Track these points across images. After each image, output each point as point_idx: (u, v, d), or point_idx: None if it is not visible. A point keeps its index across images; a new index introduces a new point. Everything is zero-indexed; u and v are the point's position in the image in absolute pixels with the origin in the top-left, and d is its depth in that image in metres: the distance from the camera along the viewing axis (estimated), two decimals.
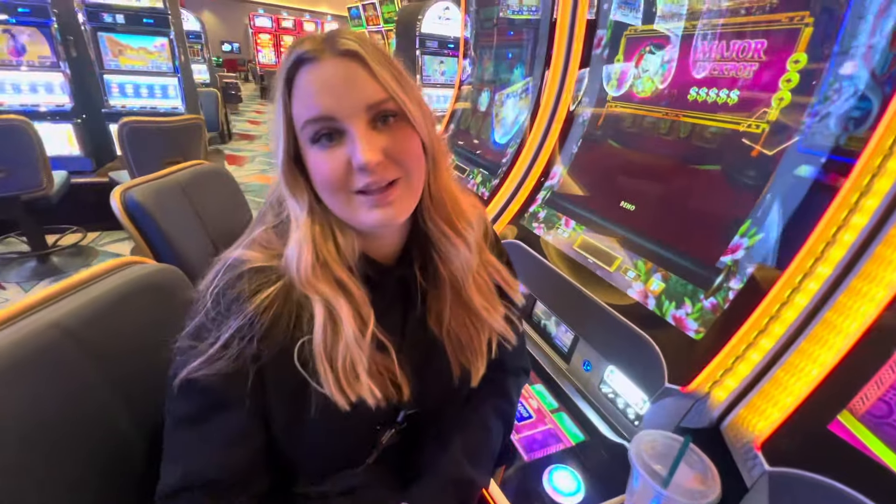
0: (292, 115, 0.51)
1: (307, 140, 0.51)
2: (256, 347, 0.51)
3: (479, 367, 0.66)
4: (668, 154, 1.03)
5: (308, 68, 0.49)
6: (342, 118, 0.49)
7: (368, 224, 0.53)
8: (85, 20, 3.52)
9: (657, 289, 0.93)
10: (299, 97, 0.50)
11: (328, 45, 0.49)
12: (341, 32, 0.51)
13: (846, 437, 0.61)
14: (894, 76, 0.67)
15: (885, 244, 0.66)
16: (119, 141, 2.70)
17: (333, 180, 0.50)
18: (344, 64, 0.49)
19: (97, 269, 0.73)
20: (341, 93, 0.48)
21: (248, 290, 0.51)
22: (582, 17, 1.33)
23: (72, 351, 0.58)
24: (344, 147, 0.50)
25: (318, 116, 0.49)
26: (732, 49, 0.90)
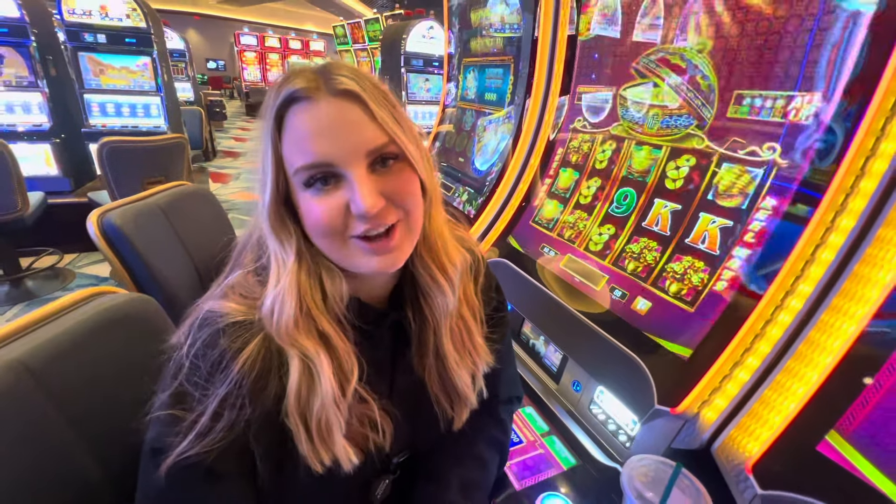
0: (283, 156, 0.47)
1: (300, 184, 0.47)
2: (249, 411, 0.46)
3: (462, 412, 0.63)
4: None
5: (301, 108, 0.45)
6: (340, 164, 0.45)
7: (366, 271, 0.50)
8: (65, 40, 3.49)
9: (644, 308, 0.93)
10: (292, 139, 0.46)
11: (323, 83, 0.45)
12: (336, 68, 0.47)
13: (835, 457, 0.61)
14: (852, 114, 0.69)
15: (863, 262, 0.68)
16: (99, 161, 2.65)
17: (329, 226, 0.47)
18: (341, 105, 0.45)
19: (64, 301, 0.70)
20: (339, 137, 0.45)
21: (231, 350, 0.47)
22: (563, 34, 1.35)
23: (32, 391, 0.55)
24: (341, 191, 0.46)
25: (313, 163, 0.45)
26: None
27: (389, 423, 0.56)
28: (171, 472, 0.45)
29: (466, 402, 0.62)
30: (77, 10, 3.45)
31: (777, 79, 0.80)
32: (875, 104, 0.66)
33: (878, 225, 0.66)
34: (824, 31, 0.73)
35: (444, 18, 2.08)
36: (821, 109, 0.74)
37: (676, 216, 0.96)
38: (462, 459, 0.68)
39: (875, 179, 0.67)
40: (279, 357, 0.49)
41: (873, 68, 0.67)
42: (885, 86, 0.65)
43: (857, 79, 0.69)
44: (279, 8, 18.37)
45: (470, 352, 0.62)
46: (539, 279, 1.16)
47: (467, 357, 0.62)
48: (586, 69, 1.28)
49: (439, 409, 0.62)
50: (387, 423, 0.55)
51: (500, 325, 0.72)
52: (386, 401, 0.56)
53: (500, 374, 0.74)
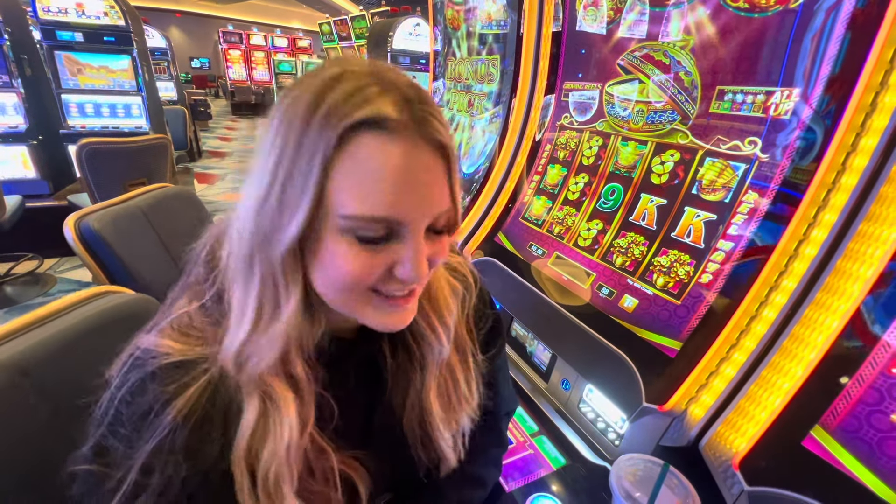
0: (328, 191, 0.36)
1: (343, 230, 0.38)
2: (185, 470, 0.40)
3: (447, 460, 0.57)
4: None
5: (384, 141, 0.36)
6: (408, 225, 0.38)
7: (376, 324, 0.44)
8: (41, 38, 3.39)
9: (630, 306, 0.93)
10: (358, 175, 0.36)
11: (413, 121, 0.36)
12: (427, 104, 0.38)
13: (820, 452, 0.61)
14: (832, 110, 0.70)
15: (845, 257, 0.68)
16: (78, 163, 2.58)
17: (362, 281, 0.40)
18: (431, 158, 0.38)
19: (67, 301, 0.69)
20: (419, 195, 0.38)
21: (163, 397, 0.40)
22: (547, 30, 1.34)
23: (27, 392, 0.55)
24: (391, 250, 0.39)
25: (384, 217, 0.37)
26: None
27: (361, 471, 0.50)
28: None
29: (446, 459, 0.57)
30: (52, 7, 3.35)
31: (757, 75, 0.80)
32: (855, 100, 0.66)
33: (860, 220, 0.66)
34: (803, 26, 0.73)
35: (429, 15, 2.06)
36: (800, 105, 0.74)
37: (662, 211, 0.96)
38: (462, 480, 0.65)
39: (856, 175, 0.67)
40: (226, 403, 0.43)
41: (852, 64, 0.67)
42: (865, 81, 0.65)
43: (836, 75, 0.70)
44: (264, 5, 18.12)
45: (454, 407, 0.57)
46: (527, 278, 1.16)
47: (451, 413, 0.57)
48: (572, 66, 1.27)
49: (416, 454, 0.56)
50: (357, 472, 0.50)
51: (495, 344, 0.68)
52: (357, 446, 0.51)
53: (499, 394, 0.72)
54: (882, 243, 0.64)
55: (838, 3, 0.69)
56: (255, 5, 17.92)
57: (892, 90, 0.64)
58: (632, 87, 1.06)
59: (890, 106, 0.64)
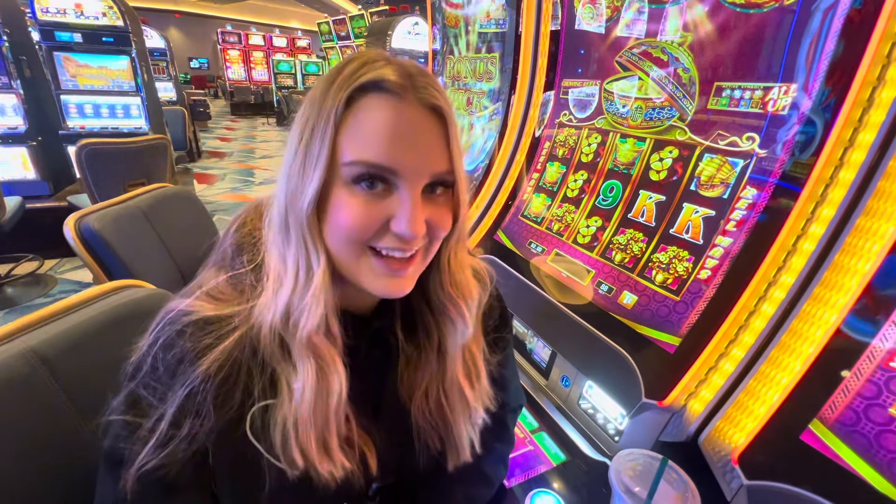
0: (338, 142, 0.41)
1: (346, 176, 0.42)
2: (214, 420, 0.43)
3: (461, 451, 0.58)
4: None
5: (384, 100, 0.41)
6: (403, 175, 0.42)
7: (372, 291, 0.46)
8: (39, 39, 3.39)
9: (630, 302, 0.93)
10: (361, 129, 0.41)
11: (412, 88, 0.42)
12: (424, 75, 0.43)
13: (818, 446, 0.61)
14: (832, 105, 0.70)
15: (843, 252, 0.68)
16: (78, 163, 2.59)
17: (360, 232, 0.43)
18: (427, 118, 0.42)
19: (88, 294, 0.71)
20: (414, 149, 0.42)
21: (194, 350, 0.43)
22: (546, 28, 1.34)
23: (46, 380, 0.57)
24: (387, 202, 0.43)
25: (379, 164, 0.41)
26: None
27: (371, 445, 0.52)
28: (127, 485, 0.42)
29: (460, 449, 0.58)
30: (51, 8, 3.35)
31: (755, 70, 0.80)
32: (852, 95, 0.66)
33: (857, 215, 0.66)
34: (801, 23, 0.73)
35: (427, 14, 2.06)
36: (797, 100, 0.75)
37: (661, 207, 0.96)
38: (469, 477, 0.65)
39: (853, 170, 0.67)
40: (258, 367, 0.45)
41: (850, 60, 0.67)
42: (862, 77, 0.65)
43: (833, 70, 0.70)
44: (262, 5, 18.10)
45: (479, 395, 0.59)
46: (526, 275, 1.16)
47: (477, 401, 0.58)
48: (570, 63, 1.27)
49: (419, 442, 0.57)
50: (368, 446, 0.51)
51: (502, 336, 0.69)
52: (369, 422, 0.53)
53: (508, 388, 0.72)
54: (880, 238, 0.64)
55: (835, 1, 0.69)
56: (254, 5, 17.90)
57: (890, 85, 0.64)
58: (630, 84, 1.06)
59: (887, 101, 0.64)
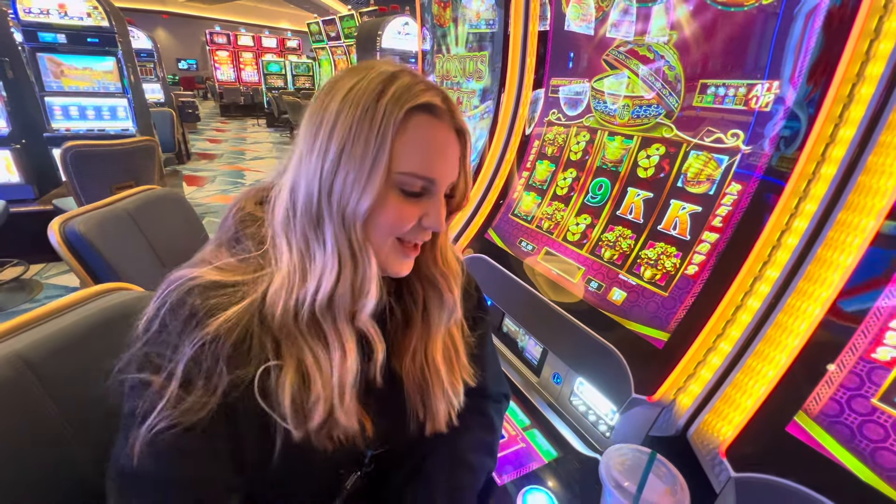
0: (392, 157, 0.47)
1: (395, 185, 0.49)
2: (228, 379, 0.44)
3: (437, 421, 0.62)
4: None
5: (431, 121, 0.49)
6: (439, 185, 0.51)
7: (390, 270, 0.54)
8: (22, 40, 3.33)
9: (619, 298, 0.94)
10: (415, 146, 0.48)
11: (449, 111, 0.51)
12: (454, 102, 0.53)
13: (803, 437, 0.62)
14: (814, 101, 0.71)
15: (825, 246, 0.69)
16: (63, 166, 2.54)
17: (402, 227, 0.51)
18: (456, 139, 0.52)
19: (75, 297, 0.70)
20: (448, 165, 0.52)
21: (204, 308, 0.45)
22: (534, 27, 1.35)
23: (31, 385, 0.56)
24: (423, 204, 0.52)
25: (429, 177, 0.50)
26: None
27: (366, 415, 0.55)
28: (136, 445, 0.43)
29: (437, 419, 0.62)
30: (34, 9, 3.29)
31: (738, 68, 0.81)
32: (832, 92, 0.68)
33: (839, 209, 0.68)
34: (782, 21, 0.74)
35: (417, 14, 2.05)
36: (780, 97, 0.76)
37: (649, 204, 0.97)
38: (452, 465, 0.67)
39: (834, 165, 0.68)
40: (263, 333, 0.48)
41: (830, 57, 0.68)
42: (842, 73, 0.67)
43: (815, 68, 0.71)
44: (251, 5, 17.95)
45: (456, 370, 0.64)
46: (517, 273, 1.16)
47: (454, 375, 0.64)
48: (559, 61, 1.28)
49: (409, 407, 0.62)
50: (363, 414, 0.55)
51: (480, 322, 0.74)
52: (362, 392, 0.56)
53: (486, 370, 0.74)
54: (861, 231, 0.65)
55: None
56: (243, 6, 17.75)
57: (868, 81, 0.65)
58: (617, 82, 1.07)
59: (866, 97, 0.65)
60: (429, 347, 0.61)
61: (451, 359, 0.64)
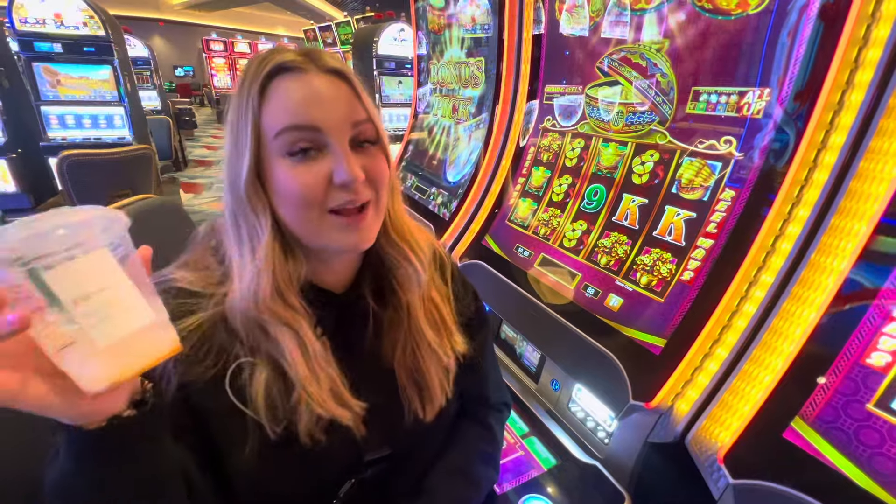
0: (262, 125, 0.48)
1: (280, 152, 0.48)
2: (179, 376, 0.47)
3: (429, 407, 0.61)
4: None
5: (291, 77, 0.48)
6: (327, 131, 0.48)
7: (339, 246, 0.52)
8: (18, 50, 3.33)
9: (616, 305, 0.94)
10: (278, 105, 0.47)
11: (312, 61, 0.49)
12: (321, 51, 0.51)
13: (800, 443, 0.62)
14: (804, 109, 0.72)
15: (819, 251, 0.70)
16: (59, 175, 2.54)
17: (310, 196, 0.48)
18: (331, 80, 0.49)
19: None
20: (329, 107, 0.48)
21: (179, 310, 0.48)
22: (528, 34, 1.36)
23: None
24: (323, 162, 0.48)
25: (302, 125, 0.47)
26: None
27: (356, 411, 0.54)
28: None
29: (434, 396, 0.61)
30: (30, 18, 3.29)
31: (730, 76, 0.82)
32: (822, 99, 0.68)
33: (831, 214, 0.68)
34: (772, 29, 0.75)
35: (412, 20, 2.06)
36: (771, 104, 0.76)
37: (644, 210, 0.97)
38: (454, 479, 0.66)
39: (826, 171, 0.69)
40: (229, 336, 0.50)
41: (819, 64, 0.69)
42: (831, 81, 0.67)
43: (804, 75, 0.72)
44: (248, 13, 18.02)
45: (443, 334, 0.63)
46: (514, 280, 1.16)
47: (444, 337, 0.62)
48: (553, 70, 1.29)
49: (405, 400, 0.61)
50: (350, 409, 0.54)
51: (480, 329, 0.73)
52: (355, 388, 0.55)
53: (484, 379, 0.74)
54: (853, 236, 0.65)
55: (805, 6, 0.71)
56: (239, 13, 17.82)
57: (858, 88, 0.66)
58: (611, 90, 1.08)
59: (855, 103, 0.66)
60: (412, 321, 0.60)
61: (436, 321, 0.62)
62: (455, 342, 0.64)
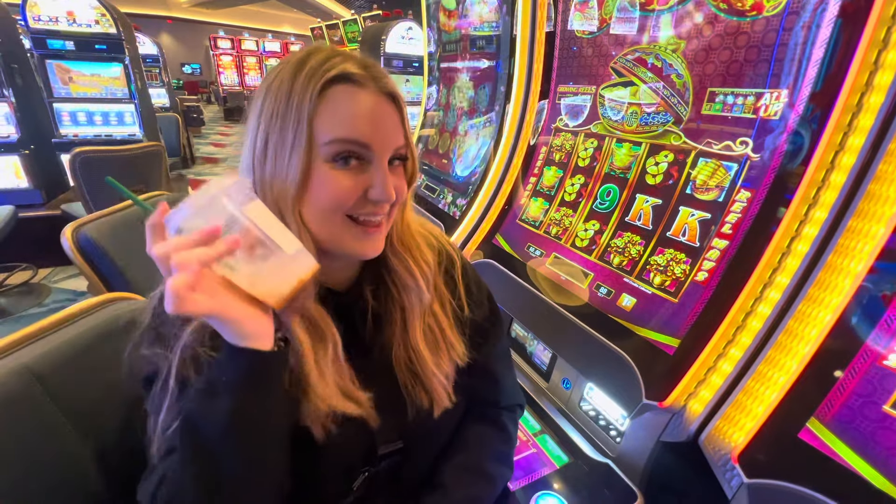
0: (314, 127, 0.48)
1: (326, 157, 0.49)
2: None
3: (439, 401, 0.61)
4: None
5: (351, 89, 0.49)
6: (375, 150, 0.50)
7: (352, 252, 0.53)
8: (31, 47, 3.37)
9: (629, 304, 0.95)
10: (335, 113, 0.49)
11: (371, 77, 0.50)
12: (378, 67, 0.52)
13: (816, 444, 0.63)
14: (821, 111, 0.71)
15: (836, 253, 0.70)
16: (71, 172, 2.56)
17: (342, 201, 0.50)
18: (386, 102, 0.51)
19: (79, 307, 0.72)
20: (380, 128, 0.50)
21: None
22: (541, 34, 1.36)
23: (39, 396, 0.58)
24: (364, 176, 0.50)
25: (355, 139, 0.49)
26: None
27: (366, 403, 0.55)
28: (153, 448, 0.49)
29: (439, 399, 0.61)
30: (43, 16, 3.33)
31: (747, 77, 0.82)
32: (841, 101, 0.68)
33: (849, 216, 0.68)
34: (789, 31, 0.75)
35: (422, 18, 2.07)
36: (788, 106, 0.76)
37: (657, 210, 0.97)
38: (468, 475, 0.67)
39: (844, 173, 0.69)
40: None
41: (838, 65, 0.69)
42: (851, 83, 0.67)
43: (823, 76, 0.72)
44: (255, 10, 18.07)
45: (444, 350, 0.63)
46: (526, 278, 1.17)
47: (444, 356, 0.62)
48: (565, 70, 1.29)
49: (407, 394, 0.61)
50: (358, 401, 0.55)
51: (493, 332, 0.73)
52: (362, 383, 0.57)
53: (499, 382, 0.74)
54: (871, 239, 0.65)
55: (824, 7, 0.71)
56: (247, 10, 17.87)
57: (877, 90, 0.66)
58: (625, 91, 1.08)
59: (875, 106, 0.66)
60: (410, 336, 0.60)
61: (436, 341, 0.62)
62: (456, 355, 0.64)
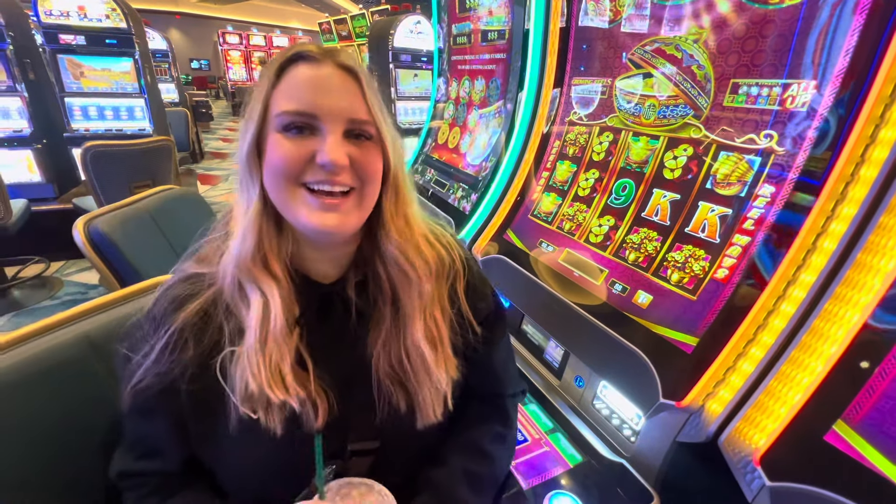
0: (270, 103, 0.51)
1: (276, 127, 0.51)
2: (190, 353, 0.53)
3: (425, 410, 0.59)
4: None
5: (305, 65, 0.51)
6: (322, 118, 0.50)
7: (307, 225, 0.52)
8: (43, 42, 3.39)
9: (645, 302, 0.92)
10: (286, 88, 0.51)
11: (330, 55, 0.52)
12: (341, 50, 0.54)
13: (843, 447, 0.61)
14: (850, 102, 0.69)
15: (865, 250, 0.67)
16: (83, 166, 2.59)
17: (289, 167, 0.50)
18: (341, 75, 0.52)
19: (130, 290, 0.82)
20: (330, 97, 0.50)
21: (178, 299, 0.55)
22: (555, 26, 1.33)
23: (94, 361, 0.70)
24: (312, 142, 0.51)
25: (299, 111, 0.50)
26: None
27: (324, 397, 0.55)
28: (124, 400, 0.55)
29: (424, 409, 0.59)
30: (54, 11, 3.35)
31: (772, 67, 0.79)
32: (875, 91, 0.65)
33: (880, 212, 0.66)
34: (818, 19, 0.72)
35: (431, 12, 2.05)
36: (815, 97, 0.74)
37: (675, 206, 0.95)
38: (467, 451, 0.67)
39: (876, 167, 0.66)
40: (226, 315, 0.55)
41: (869, 55, 0.66)
42: (885, 73, 0.64)
43: (853, 67, 0.69)
44: (263, 5, 18.09)
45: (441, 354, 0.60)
46: (537, 275, 1.15)
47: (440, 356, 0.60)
48: (579, 61, 1.26)
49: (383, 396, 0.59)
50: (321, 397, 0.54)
51: (496, 327, 0.71)
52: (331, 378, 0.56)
53: (498, 377, 0.74)
54: None
55: None
56: (255, 6, 17.89)
57: None
58: (642, 82, 1.05)
59: None
60: (408, 332, 0.58)
61: (436, 342, 0.60)
62: (449, 367, 0.61)
